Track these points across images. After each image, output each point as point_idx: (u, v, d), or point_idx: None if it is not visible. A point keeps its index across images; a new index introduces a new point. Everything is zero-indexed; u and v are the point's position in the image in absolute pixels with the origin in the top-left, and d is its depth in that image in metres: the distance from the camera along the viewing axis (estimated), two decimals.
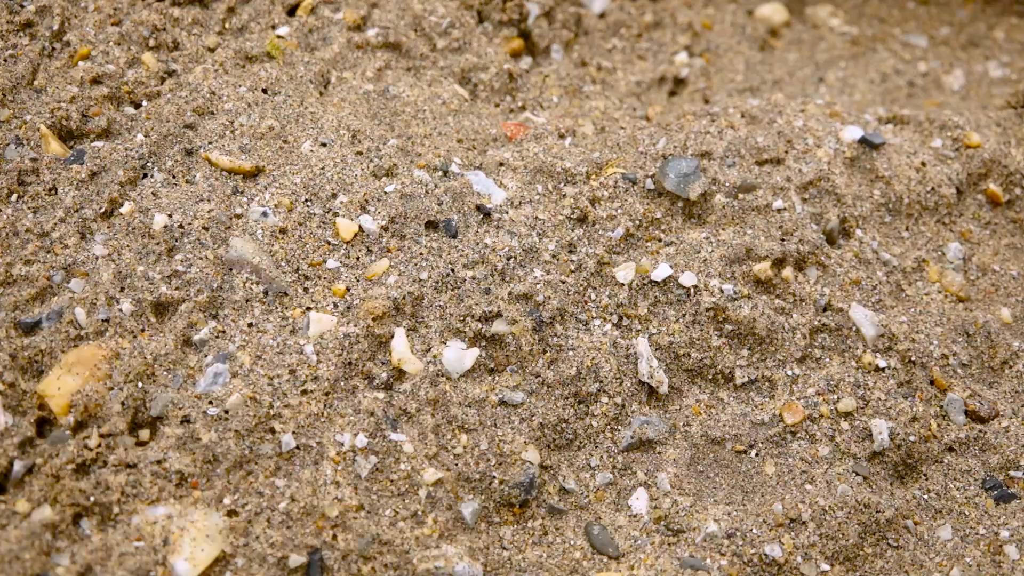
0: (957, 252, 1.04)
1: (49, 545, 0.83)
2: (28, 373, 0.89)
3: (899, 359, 0.97)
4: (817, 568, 0.89)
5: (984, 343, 0.99)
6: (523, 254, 0.95)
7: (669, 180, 1.00)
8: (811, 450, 0.94)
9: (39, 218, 0.94)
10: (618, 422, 0.93)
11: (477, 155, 1.02)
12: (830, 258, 1.00)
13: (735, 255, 0.97)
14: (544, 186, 0.99)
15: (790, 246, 0.98)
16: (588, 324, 0.95)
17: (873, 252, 1.02)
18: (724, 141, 1.03)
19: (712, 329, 0.96)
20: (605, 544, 0.89)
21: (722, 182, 1.01)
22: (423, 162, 0.99)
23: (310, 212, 0.95)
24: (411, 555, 0.85)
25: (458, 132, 1.05)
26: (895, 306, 1.00)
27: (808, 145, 1.05)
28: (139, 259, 0.92)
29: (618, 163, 1.01)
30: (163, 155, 0.98)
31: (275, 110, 1.01)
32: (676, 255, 0.97)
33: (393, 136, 1.02)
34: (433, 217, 0.96)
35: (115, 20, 1.05)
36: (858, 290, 1.00)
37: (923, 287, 1.02)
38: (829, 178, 1.03)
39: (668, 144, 1.02)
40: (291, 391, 0.88)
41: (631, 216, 0.99)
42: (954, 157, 1.07)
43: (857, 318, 0.98)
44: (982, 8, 1.30)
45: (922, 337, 0.98)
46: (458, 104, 1.08)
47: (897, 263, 1.02)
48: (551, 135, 1.05)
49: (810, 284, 0.99)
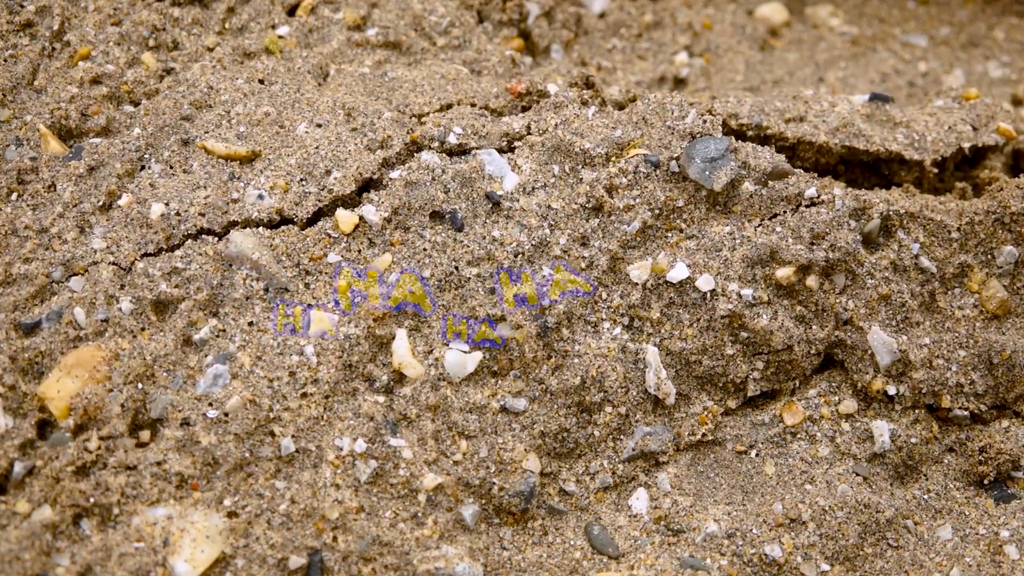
0: (1010, 256, 0.96)
1: (49, 545, 0.83)
2: (28, 375, 0.89)
3: (910, 388, 0.94)
4: (817, 568, 0.89)
5: (1005, 375, 0.95)
6: (532, 249, 0.92)
7: (694, 166, 0.93)
8: (811, 450, 0.94)
9: (38, 215, 0.94)
10: (621, 432, 0.92)
11: (485, 122, 0.99)
12: (862, 265, 0.95)
13: (758, 256, 0.93)
14: (561, 168, 0.95)
15: (818, 253, 0.93)
16: (597, 327, 0.92)
17: (912, 258, 0.96)
18: (746, 104, 1.01)
19: (727, 336, 0.93)
20: (605, 544, 0.89)
21: (752, 167, 0.95)
22: (418, 133, 0.97)
23: (305, 191, 0.94)
24: (411, 556, 0.85)
25: (457, 94, 1.03)
26: (922, 322, 0.95)
27: (824, 106, 1.03)
28: (138, 251, 0.92)
29: (642, 142, 0.95)
30: (160, 147, 0.98)
31: (271, 98, 1.01)
32: (696, 251, 0.93)
33: (389, 109, 1.00)
34: (439, 207, 0.93)
35: (115, 20, 1.05)
36: (884, 306, 0.95)
37: (959, 298, 0.96)
38: (854, 123, 1.01)
39: (697, 120, 0.96)
40: (291, 394, 0.87)
41: (651, 205, 0.94)
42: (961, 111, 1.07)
43: (875, 344, 0.94)
44: (982, 8, 1.29)
45: (941, 363, 0.94)
46: (456, 74, 1.06)
47: (936, 270, 0.96)
48: (572, 103, 1.00)
49: (835, 294, 0.95)
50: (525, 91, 1.02)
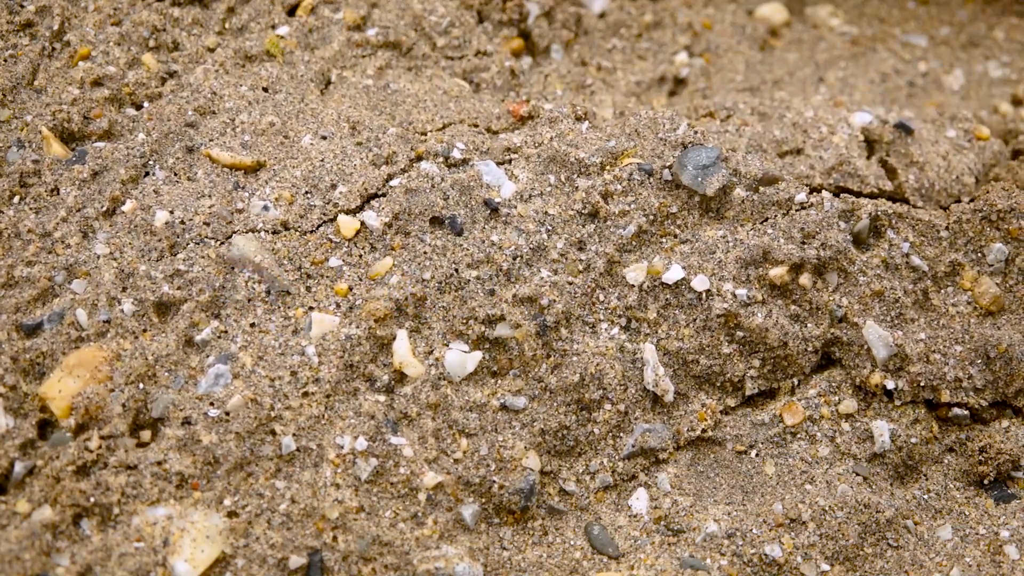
0: (1000, 254, 0.97)
1: (49, 545, 0.83)
2: (30, 375, 0.89)
3: (908, 382, 0.94)
4: (817, 568, 0.89)
5: (1003, 368, 0.95)
6: (530, 253, 0.93)
7: (687, 173, 0.95)
8: (811, 450, 0.94)
9: (41, 219, 0.94)
10: (620, 429, 0.93)
11: (485, 139, 1.00)
12: (854, 264, 0.96)
13: (751, 257, 0.94)
14: (557, 177, 0.96)
15: (810, 251, 0.94)
16: (595, 327, 0.93)
17: (903, 256, 0.97)
18: (744, 138, 1.02)
19: (723, 335, 0.94)
20: (605, 544, 0.90)
21: (743, 174, 0.97)
22: (423, 148, 0.98)
23: (310, 204, 0.95)
24: (411, 556, 0.85)
25: (460, 114, 1.04)
26: (916, 319, 0.96)
27: (823, 132, 1.04)
28: (141, 257, 0.92)
29: (635, 152, 0.97)
30: (164, 153, 0.98)
31: (276, 107, 1.01)
32: (690, 254, 0.94)
33: (393, 125, 1.01)
34: (438, 213, 0.94)
35: (115, 20, 1.05)
36: (878, 302, 0.96)
37: (952, 296, 0.97)
38: (851, 161, 1.01)
39: (688, 131, 0.98)
40: (292, 393, 0.88)
41: (645, 211, 0.95)
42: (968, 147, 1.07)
43: (870, 338, 0.94)
44: (982, 8, 1.30)
45: (938, 357, 0.95)
46: (459, 91, 1.07)
47: (928, 268, 0.97)
48: (566, 118, 1.02)
49: (828, 292, 0.95)
50: (527, 115, 1.03)
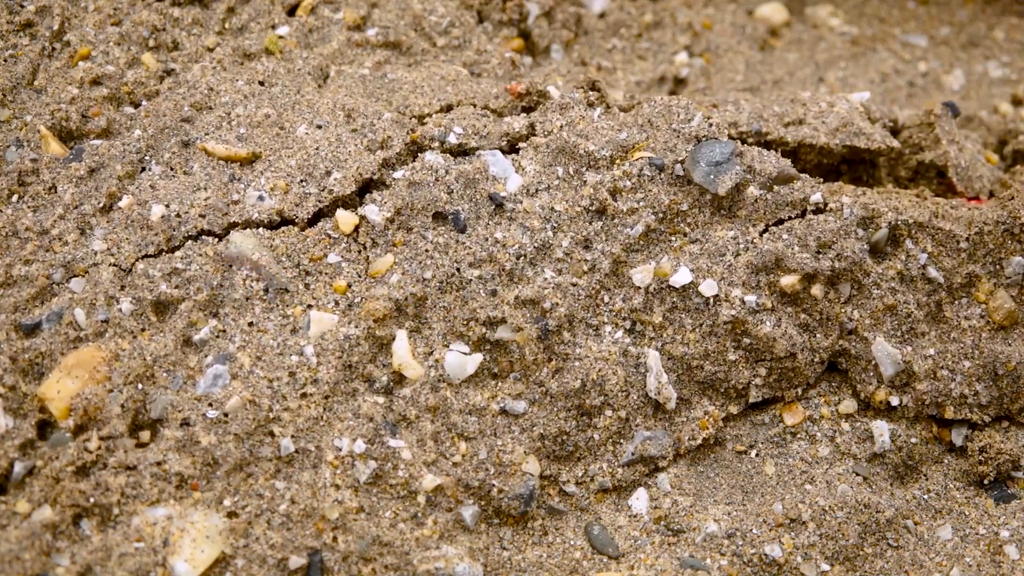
0: (1019, 267, 0.95)
1: (49, 545, 0.83)
2: (29, 375, 0.89)
3: (914, 399, 0.93)
4: (817, 568, 0.89)
5: (1010, 386, 0.94)
6: (534, 252, 0.91)
7: (699, 170, 0.92)
8: (811, 450, 0.94)
9: (39, 217, 0.94)
10: (620, 436, 0.92)
11: (487, 122, 0.98)
12: (868, 276, 0.94)
13: (764, 263, 0.92)
14: (565, 169, 0.94)
15: (824, 262, 0.92)
16: (598, 330, 0.92)
17: (920, 268, 0.94)
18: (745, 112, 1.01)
19: (729, 342, 0.92)
20: (605, 544, 0.89)
21: (758, 171, 0.94)
22: (419, 133, 0.96)
23: (305, 192, 0.94)
24: (411, 556, 0.85)
25: (457, 95, 1.02)
26: (927, 332, 0.94)
27: (823, 107, 1.03)
28: (138, 252, 0.92)
29: (647, 145, 0.94)
30: (160, 148, 0.98)
31: (272, 99, 1.01)
32: (700, 255, 0.93)
33: (389, 110, 1.00)
34: (442, 208, 0.92)
35: (115, 20, 1.05)
36: (890, 317, 0.94)
37: (966, 308, 0.95)
38: (854, 121, 1.00)
39: (703, 123, 0.95)
40: (290, 394, 0.87)
41: (655, 208, 0.93)
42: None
43: (878, 355, 0.93)
44: (982, 8, 1.29)
45: (945, 374, 0.93)
46: (456, 75, 1.06)
47: (944, 279, 0.95)
48: (578, 104, 0.99)
49: (840, 303, 0.94)
50: (525, 91, 1.02)
